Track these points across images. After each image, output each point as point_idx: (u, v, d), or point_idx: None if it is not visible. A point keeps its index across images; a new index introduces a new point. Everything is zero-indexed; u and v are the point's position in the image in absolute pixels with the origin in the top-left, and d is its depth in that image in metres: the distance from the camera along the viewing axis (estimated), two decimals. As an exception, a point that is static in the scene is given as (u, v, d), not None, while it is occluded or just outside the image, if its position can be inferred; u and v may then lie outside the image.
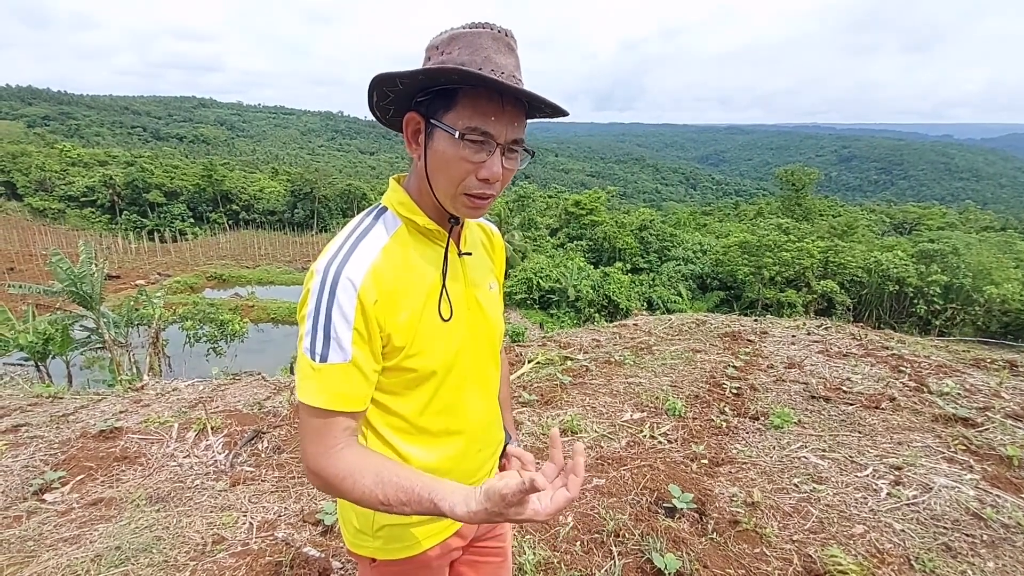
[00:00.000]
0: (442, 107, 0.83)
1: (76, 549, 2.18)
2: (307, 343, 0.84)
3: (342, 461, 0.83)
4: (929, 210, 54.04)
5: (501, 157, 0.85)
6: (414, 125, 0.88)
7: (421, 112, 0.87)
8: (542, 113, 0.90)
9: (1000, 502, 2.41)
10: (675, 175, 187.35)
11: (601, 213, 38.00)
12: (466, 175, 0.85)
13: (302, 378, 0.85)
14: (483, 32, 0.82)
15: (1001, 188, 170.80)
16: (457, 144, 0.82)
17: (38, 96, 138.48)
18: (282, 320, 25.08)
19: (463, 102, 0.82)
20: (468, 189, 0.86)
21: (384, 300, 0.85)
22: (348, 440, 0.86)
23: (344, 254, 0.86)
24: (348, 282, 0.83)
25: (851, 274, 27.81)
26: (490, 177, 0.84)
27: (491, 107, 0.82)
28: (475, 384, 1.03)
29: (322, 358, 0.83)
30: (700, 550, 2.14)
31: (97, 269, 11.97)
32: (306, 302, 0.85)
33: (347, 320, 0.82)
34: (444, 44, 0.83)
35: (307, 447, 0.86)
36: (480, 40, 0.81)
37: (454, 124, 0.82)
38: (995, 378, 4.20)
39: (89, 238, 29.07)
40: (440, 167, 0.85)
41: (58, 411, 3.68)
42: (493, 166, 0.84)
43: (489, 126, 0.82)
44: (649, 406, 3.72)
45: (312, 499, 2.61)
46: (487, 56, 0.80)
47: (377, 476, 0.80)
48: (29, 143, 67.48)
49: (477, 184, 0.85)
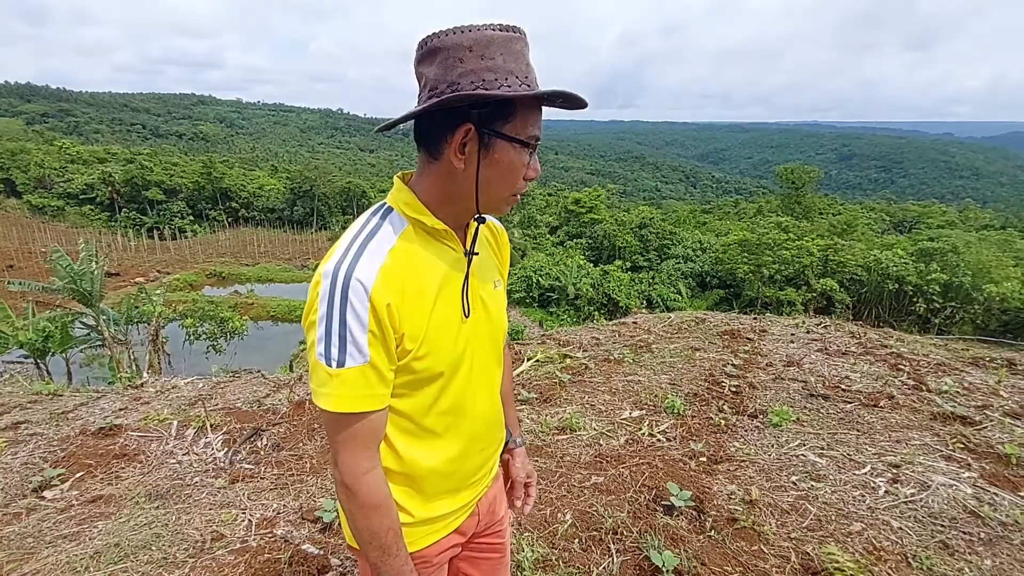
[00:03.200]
0: (501, 118, 0.85)
1: (75, 546, 2.18)
2: (321, 349, 0.83)
3: (381, 489, 0.91)
4: (929, 208, 54.07)
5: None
6: (462, 136, 0.85)
7: (473, 122, 0.84)
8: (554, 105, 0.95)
9: (998, 500, 2.41)
10: (675, 173, 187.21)
11: (601, 211, 37.98)
12: (520, 179, 0.91)
13: (320, 385, 0.84)
14: (515, 37, 0.85)
15: (1001, 186, 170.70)
16: (520, 152, 0.88)
17: (37, 93, 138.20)
18: (281, 318, 25.09)
19: (522, 113, 0.86)
20: (518, 191, 0.92)
21: (396, 302, 0.85)
22: (376, 456, 0.91)
23: (353, 256, 0.85)
24: (359, 284, 0.82)
25: (851, 272, 27.81)
26: (536, 176, 0.92)
27: (537, 114, 0.89)
28: (480, 383, 1.03)
29: (339, 363, 0.82)
30: (698, 548, 2.14)
31: (97, 266, 11.96)
32: (315, 307, 0.83)
33: (362, 323, 0.82)
34: (480, 47, 0.81)
35: (343, 458, 0.88)
36: (516, 47, 0.84)
37: (519, 134, 0.86)
38: (994, 376, 4.21)
39: (89, 235, 29.07)
40: (502, 175, 0.89)
41: (58, 408, 3.68)
42: (536, 164, 0.92)
43: (538, 131, 0.89)
44: (648, 404, 3.72)
45: (311, 496, 2.61)
46: (528, 63, 0.86)
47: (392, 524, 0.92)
48: (28, 140, 67.35)
49: (523, 184, 0.92)
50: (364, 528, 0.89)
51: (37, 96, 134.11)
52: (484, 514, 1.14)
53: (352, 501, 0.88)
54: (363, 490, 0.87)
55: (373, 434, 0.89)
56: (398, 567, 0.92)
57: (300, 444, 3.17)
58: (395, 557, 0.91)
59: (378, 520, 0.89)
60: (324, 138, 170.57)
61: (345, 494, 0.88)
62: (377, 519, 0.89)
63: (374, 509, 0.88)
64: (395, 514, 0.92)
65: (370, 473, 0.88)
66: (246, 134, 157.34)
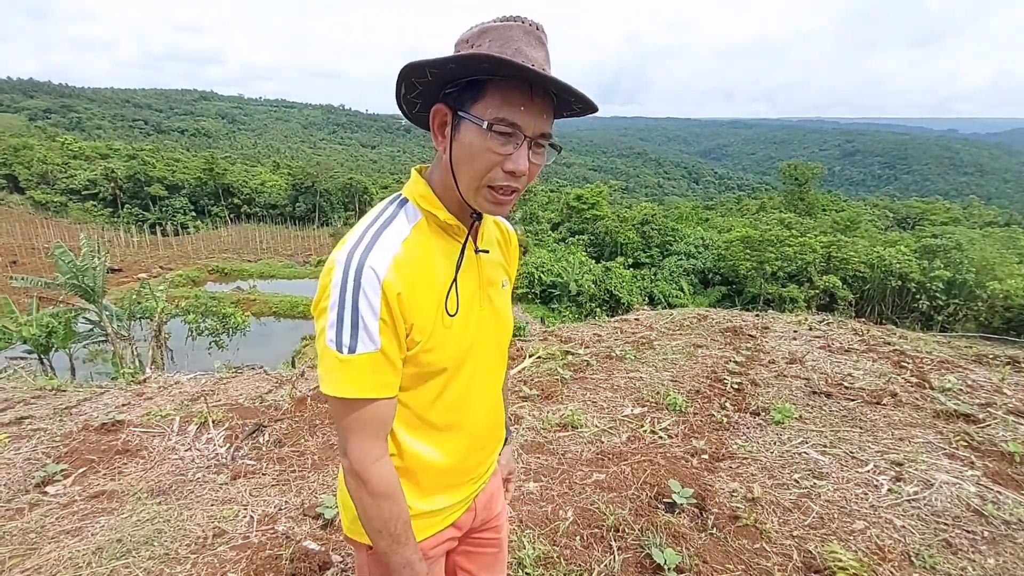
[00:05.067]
0: (470, 98, 0.82)
1: (78, 541, 2.19)
2: (332, 335, 0.82)
3: (392, 477, 0.90)
4: (933, 205, 53.87)
5: (528, 151, 0.84)
6: (441, 117, 0.87)
7: (449, 104, 0.85)
8: (571, 111, 0.89)
9: (1001, 499, 2.40)
10: (678, 169, 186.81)
11: (603, 207, 37.89)
12: (491, 167, 0.83)
13: (328, 371, 0.84)
14: (514, 25, 0.82)
15: (1006, 183, 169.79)
16: (485, 135, 0.81)
17: (39, 89, 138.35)
18: (284, 314, 25.10)
19: (492, 92, 0.81)
20: (492, 182, 0.84)
21: (407, 293, 0.84)
22: (385, 446, 0.90)
23: (367, 244, 0.85)
24: (372, 272, 0.82)
25: (853, 269, 27.73)
26: (516, 170, 0.83)
27: (520, 98, 0.81)
28: (483, 381, 1.03)
29: (350, 349, 0.82)
30: (700, 545, 2.14)
31: (99, 262, 11.98)
32: (327, 293, 0.83)
33: (373, 310, 0.82)
34: (474, 37, 0.82)
35: (352, 446, 0.87)
36: (511, 33, 0.81)
37: (482, 115, 0.81)
38: (997, 374, 4.19)
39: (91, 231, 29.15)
40: (466, 159, 0.84)
41: (61, 404, 3.70)
42: (520, 159, 0.82)
43: (517, 117, 0.81)
44: (650, 401, 3.71)
45: (312, 493, 2.62)
46: (518, 48, 0.80)
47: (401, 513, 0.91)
48: (31, 136, 67.46)
49: (503, 177, 0.84)
50: (376, 517, 0.89)
51: (39, 92, 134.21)
52: (481, 509, 1.14)
53: (362, 489, 0.87)
54: (374, 478, 0.87)
55: (382, 423, 0.88)
56: (408, 556, 0.91)
57: (302, 440, 3.18)
58: (405, 546, 0.91)
59: (388, 508, 0.89)
60: (326, 134, 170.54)
61: (355, 482, 0.88)
62: (388, 507, 0.88)
63: (385, 497, 0.88)
64: (404, 503, 0.91)
65: (380, 461, 0.88)
66: (248, 130, 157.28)
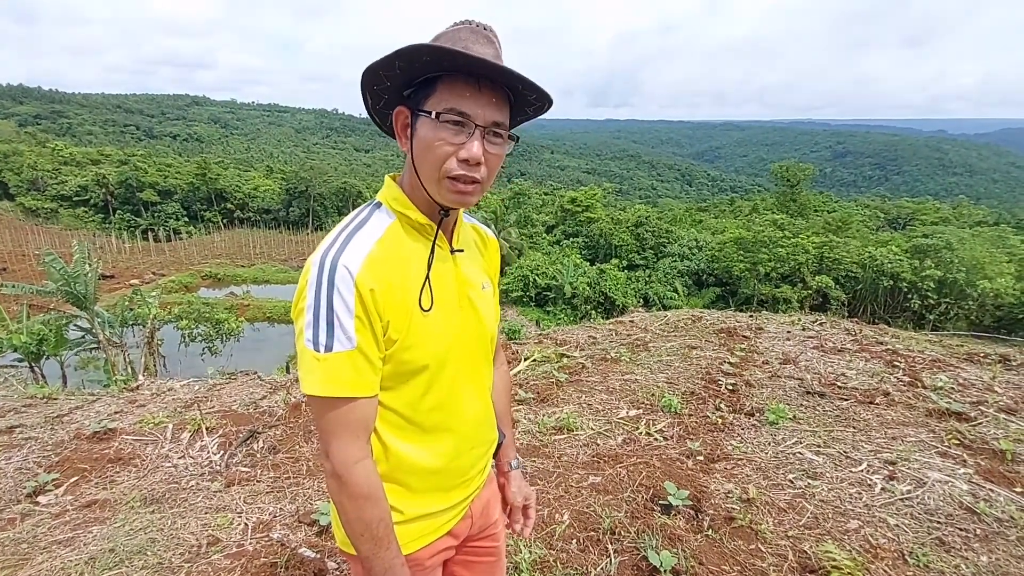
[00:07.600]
0: (424, 96, 0.87)
1: (70, 551, 2.16)
2: (309, 335, 0.83)
3: (373, 479, 0.89)
4: (923, 205, 54.37)
5: (482, 140, 0.86)
6: (403, 119, 0.92)
7: (408, 105, 0.90)
8: (531, 107, 0.93)
9: (993, 496, 2.43)
10: (671, 171, 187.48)
11: (597, 210, 38.01)
12: (446, 157, 0.86)
13: (307, 372, 0.85)
14: (462, 27, 0.88)
15: (994, 183, 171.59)
16: (436, 126, 0.85)
17: (29, 95, 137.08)
18: (277, 319, 25.00)
19: (441, 87, 0.85)
20: (450, 172, 0.86)
21: (380, 290, 0.86)
22: (367, 447, 0.90)
23: (340, 245, 0.87)
24: (345, 270, 0.83)
25: (846, 269, 27.95)
26: (470, 158, 0.85)
27: (466, 88, 0.84)
28: (468, 381, 1.03)
29: (327, 348, 0.83)
30: (696, 547, 2.15)
31: (91, 269, 11.90)
32: (304, 295, 0.85)
33: (348, 308, 0.83)
34: (430, 47, 0.86)
35: (333, 447, 0.87)
36: (459, 33, 0.87)
37: (433, 108, 0.85)
38: (988, 372, 4.23)
39: (82, 238, 28.90)
40: (423, 152, 0.88)
41: (52, 412, 3.66)
42: (472, 147, 0.85)
43: (465, 106, 0.84)
44: (645, 403, 3.72)
45: (307, 499, 2.60)
46: (465, 45, 0.84)
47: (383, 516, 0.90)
48: (21, 142, 66.79)
49: (458, 166, 0.86)
50: (356, 519, 0.88)
51: (29, 98, 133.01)
52: (477, 517, 1.13)
53: (343, 491, 0.87)
54: (354, 480, 0.87)
55: (363, 423, 0.88)
56: (389, 559, 0.91)
57: (296, 447, 3.16)
58: (387, 549, 0.91)
59: (370, 511, 0.88)
60: (319, 138, 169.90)
61: (336, 484, 0.87)
62: (369, 510, 0.88)
63: (365, 499, 0.87)
64: (386, 505, 0.91)
65: (361, 463, 0.88)
66: (241, 135, 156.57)
